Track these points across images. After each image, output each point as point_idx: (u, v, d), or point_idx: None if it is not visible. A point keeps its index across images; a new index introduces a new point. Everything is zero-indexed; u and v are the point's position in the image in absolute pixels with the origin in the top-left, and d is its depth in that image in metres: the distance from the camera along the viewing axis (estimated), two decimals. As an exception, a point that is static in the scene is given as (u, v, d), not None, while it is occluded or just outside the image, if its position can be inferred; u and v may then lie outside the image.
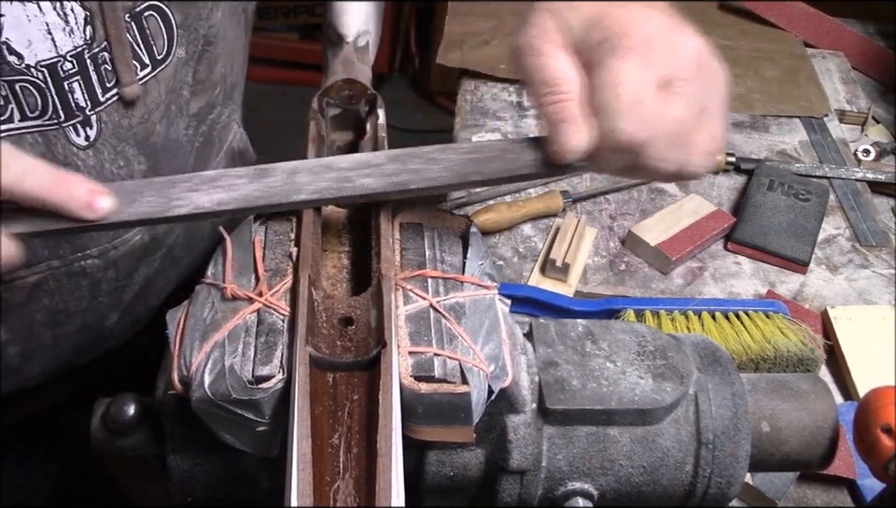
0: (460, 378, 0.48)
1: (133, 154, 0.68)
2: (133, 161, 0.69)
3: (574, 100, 0.53)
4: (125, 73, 0.64)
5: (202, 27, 0.70)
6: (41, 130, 0.62)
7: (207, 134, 0.77)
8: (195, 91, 0.73)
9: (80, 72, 0.62)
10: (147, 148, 0.69)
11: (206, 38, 0.71)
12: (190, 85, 0.72)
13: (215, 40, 0.72)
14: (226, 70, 0.76)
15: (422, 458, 0.52)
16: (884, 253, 1.03)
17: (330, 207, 0.61)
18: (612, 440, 0.53)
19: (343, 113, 0.72)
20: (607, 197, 1.08)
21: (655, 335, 0.57)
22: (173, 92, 0.70)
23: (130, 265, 0.75)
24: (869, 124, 1.23)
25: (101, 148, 0.66)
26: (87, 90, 0.63)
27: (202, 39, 0.70)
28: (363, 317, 0.51)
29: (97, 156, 0.66)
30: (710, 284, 0.98)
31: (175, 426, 0.50)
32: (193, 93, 0.73)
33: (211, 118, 0.77)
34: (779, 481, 0.77)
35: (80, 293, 0.73)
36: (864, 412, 0.55)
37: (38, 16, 0.59)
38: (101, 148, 0.66)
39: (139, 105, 0.67)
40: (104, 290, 0.75)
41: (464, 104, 1.22)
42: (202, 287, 0.53)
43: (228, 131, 0.83)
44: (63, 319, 0.74)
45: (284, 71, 2.88)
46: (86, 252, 0.70)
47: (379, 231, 0.56)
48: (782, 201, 1.05)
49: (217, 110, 0.78)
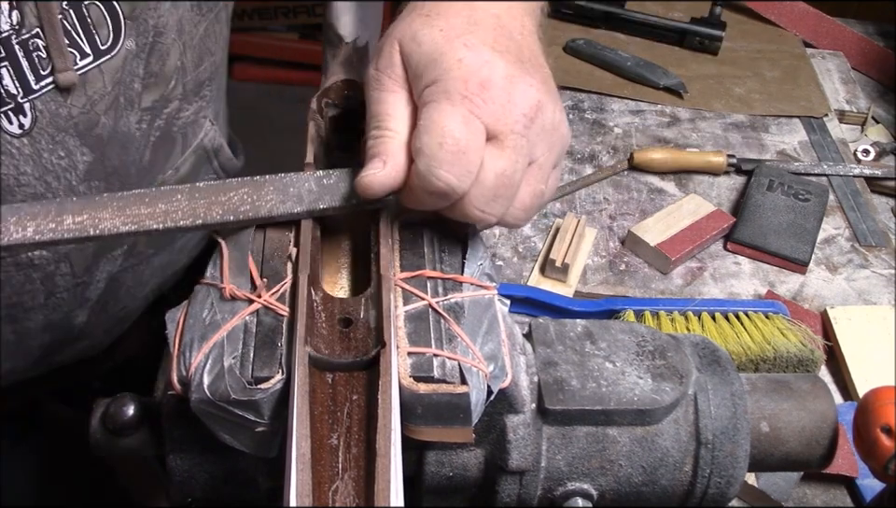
0: (459, 378, 0.48)
1: (75, 144, 0.67)
2: (74, 151, 0.68)
3: (394, 138, 0.53)
4: (59, 59, 0.63)
5: (151, 17, 0.69)
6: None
7: (165, 129, 0.76)
8: (147, 83, 0.71)
9: (8, 58, 0.61)
10: (91, 139, 0.68)
11: (156, 29, 0.70)
12: (142, 78, 0.70)
13: (165, 31, 0.70)
14: (185, 64, 0.75)
15: (421, 459, 0.52)
16: (884, 253, 1.03)
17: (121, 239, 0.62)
18: (612, 440, 0.53)
19: (342, 113, 0.72)
20: (606, 198, 1.08)
21: (654, 335, 0.57)
22: (121, 84, 0.68)
23: (86, 261, 0.75)
24: (869, 124, 1.23)
25: (37, 136, 0.65)
26: (17, 76, 0.62)
27: (151, 30, 0.69)
28: (362, 318, 0.51)
29: (33, 145, 0.65)
30: (710, 284, 0.98)
31: (174, 426, 0.50)
32: (145, 87, 0.71)
33: (167, 112, 0.75)
34: (783, 482, 0.77)
35: (34, 287, 0.72)
36: (864, 412, 0.55)
37: None
38: (37, 136, 0.65)
39: (78, 95, 0.66)
40: (60, 286, 0.74)
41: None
42: (200, 287, 0.53)
43: (195, 127, 0.81)
44: (20, 314, 0.74)
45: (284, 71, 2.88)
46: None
47: (378, 231, 0.56)
48: (782, 201, 1.05)
49: (176, 105, 0.76)
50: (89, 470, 0.87)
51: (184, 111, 0.78)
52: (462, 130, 0.50)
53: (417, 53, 0.53)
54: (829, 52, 1.38)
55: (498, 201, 0.53)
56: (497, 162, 0.52)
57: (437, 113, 0.51)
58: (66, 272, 0.73)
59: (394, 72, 0.54)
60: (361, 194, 0.54)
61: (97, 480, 0.90)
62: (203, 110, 0.82)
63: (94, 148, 0.69)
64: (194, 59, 0.76)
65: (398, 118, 0.53)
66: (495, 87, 0.52)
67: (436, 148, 0.50)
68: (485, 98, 0.52)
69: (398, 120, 0.53)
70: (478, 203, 0.53)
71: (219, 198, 0.57)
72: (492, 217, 0.54)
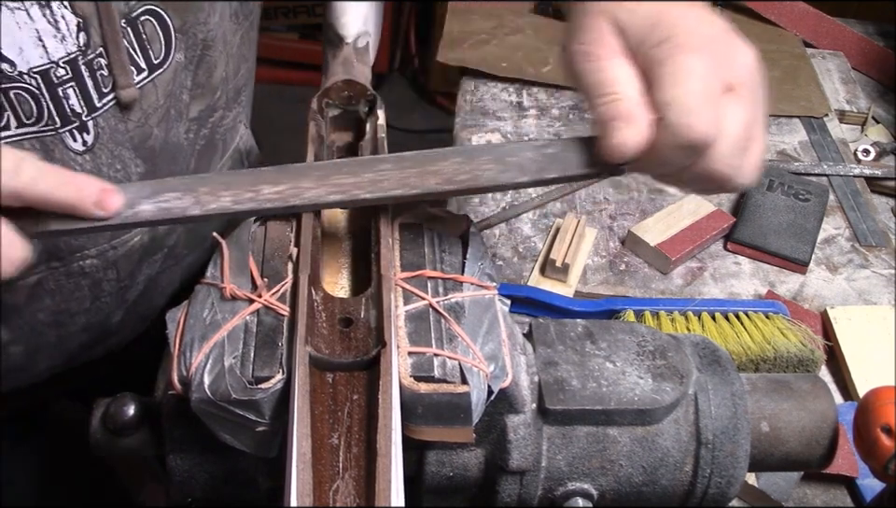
0: (460, 378, 0.48)
1: (130, 157, 0.68)
2: (129, 164, 0.69)
3: (627, 100, 0.52)
4: (122, 76, 0.64)
5: (200, 31, 0.70)
6: (38, 136, 0.62)
7: (209, 137, 0.77)
8: (195, 94, 0.73)
9: (74, 78, 0.62)
10: (145, 151, 0.69)
11: (205, 42, 0.71)
12: (190, 89, 0.72)
13: (213, 44, 0.72)
14: (227, 73, 0.76)
15: (421, 459, 0.52)
16: (884, 253, 1.03)
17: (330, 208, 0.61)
18: (612, 440, 0.53)
19: (342, 113, 0.72)
20: (607, 197, 1.08)
21: (655, 335, 0.57)
22: (171, 97, 0.70)
23: (131, 266, 0.75)
24: (869, 124, 1.23)
25: (98, 152, 0.66)
26: (82, 96, 0.63)
27: (200, 44, 0.70)
28: (363, 318, 0.51)
29: (94, 161, 0.66)
30: (710, 284, 0.98)
31: (174, 426, 0.50)
32: (193, 97, 0.73)
33: (212, 121, 0.77)
34: (783, 482, 0.77)
35: (81, 293, 0.73)
36: (864, 412, 0.55)
37: (28, 23, 0.59)
38: (98, 152, 0.66)
39: (136, 110, 0.67)
40: (105, 291, 0.75)
41: (464, 104, 1.22)
42: (201, 287, 0.53)
43: (234, 133, 0.83)
44: (65, 319, 0.74)
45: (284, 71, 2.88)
46: (84, 253, 0.70)
47: (379, 231, 0.56)
48: (782, 201, 1.05)
49: (220, 113, 0.78)
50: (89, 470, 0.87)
51: (225, 118, 0.79)
52: (707, 78, 0.51)
53: (635, 20, 0.53)
54: (829, 52, 1.38)
55: (743, 153, 0.53)
56: (738, 112, 0.52)
57: (678, 66, 0.51)
58: (112, 277, 0.74)
59: (605, 42, 0.54)
60: (609, 158, 0.53)
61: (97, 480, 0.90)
62: (240, 116, 0.84)
63: (147, 159, 0.70)
64: (234, 67, 0.78)
65: (623, 82, 0.53)
66: (721, 41, 0.53)
67: (684, 96, 0.50)
68: (716, 51, 0.52)
69: (624, 85, 0.52)
70: (724, 155, 0.52)
71: (431, 167, 0.55)
72: (732, 170, 0.53)
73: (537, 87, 1.24)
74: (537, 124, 1.19)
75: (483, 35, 1.31)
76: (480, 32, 1.32)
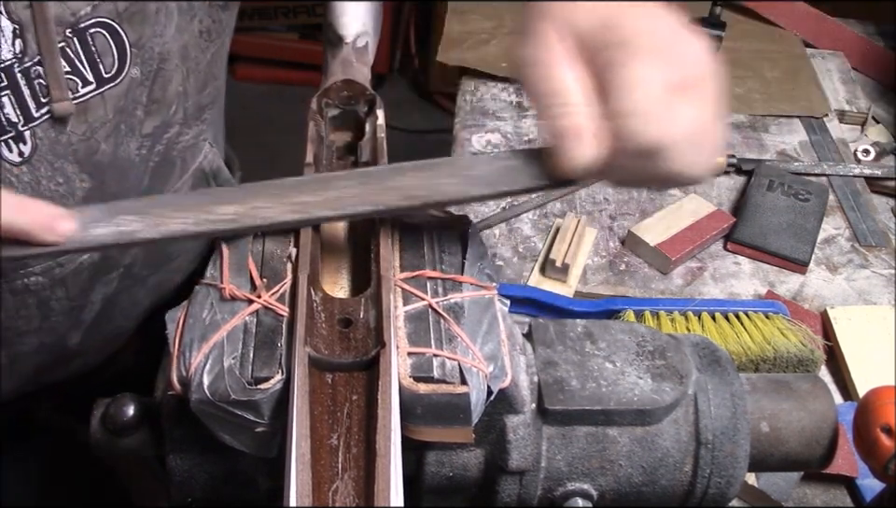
0: (459, 379, 0.48)
1: (74, 171, 0.66)
2: (73, 178, 0.67)
3: (580, 112, 0.51)
4: (56, 89, 0.62)
5: (156, 44, 0.68)
6: None
7: (164, 154, 0.75)
8: (149, 110, 0.71)
9: (10, 86, 0.60)
10: (90, 165, 0.67)
11: (161, 56, 0.69)
12: (144, 105, 0.70)
13: (169, 56, 0.70)
14: (186, 88, 0.74)
15: (421, 459, 0.52)
16: (884, 253, 1.03)
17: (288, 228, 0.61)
18: (612, 440, 0.53)
19: (342, 113, 0.72)
20: (606, 198, 1.08)
21: (654, 335, 0.57)
22: (123, 112, 0.68)
23: (81, 284, 0.74)
24: (869, 124, 1.23)
25: (36, 164, 0.64)
26: (18, 105, 0.61)
27: (157, 58, 0.68)
28: (362, 318, 0.51)
29: (32, 173, 0.64)
30: (710, 284, 0.98)
31: (174, 427, 0.50)
32: (147, 113, 0.70)
33: (167, 137, 0.74)
34: (783, 482, 0.77)
35: (28, 312, 0.71)
36: (864, 412, 0.55)
37: None
38: (36, 164, 0.64)
39: (79, 123, 0.65)
40: (55, 310, 0.73)
41: (464, 104, 1.22)
42: (200, 287, 0.53)
43: (195, 151, 0.80)
44: (13, 338, 0.73)
45: (284, 71, 2.88)
46: (28, 270, 0.69)
47: (378, 231, 0.56)
48: (782, 201, 1.05)
49: (176, 130, 0.75)
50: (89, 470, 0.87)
51: (184, 135, 0.77)
52: (655, 83, 0.50)
53: (586, 24, 0.52)
54: (829, 52, 1.38)
55: (698, 149, 0.52)
56: (690, 112, 0.51)
57: (627, 72, 0.50)
58: (62, 296, 0.72)
59: (554, 47, 0.53)
60: (561, 174, 0.53)
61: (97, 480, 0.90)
62: (203, 134, 0.81)
63: (93, 174, 0.68)
64: (198, 84, 0.76)
65: (573, 91, 0.52)
66: (672, 40, 0.52)
67: (634, 104, 0.50)
68: (667, 51, 0.52)
69: (573, 93, 0.52)
70: (679, 155, 0.51)
71: (391, 183, 0.55)
72: (690, 168, 0.53)
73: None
74: (537, 124, 1.19)
75: (483, 35, 1.31)
76: (480, 32, 1.32)
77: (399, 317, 0.51)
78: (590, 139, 0.51)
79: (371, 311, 0.52)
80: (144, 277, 0.81)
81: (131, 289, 0.80)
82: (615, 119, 0.51)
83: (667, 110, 0.51)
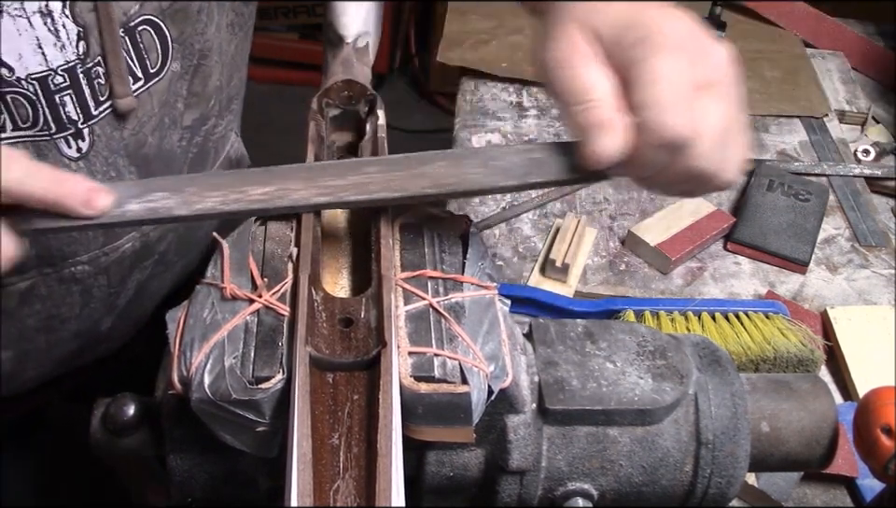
0: (460, 378, 0.48)
1: (124, 165, 0.68)
2: (123, 171, 0.69)
3: (603, 106, 0.52)
4: (119, 86, 0.64)
5: (197, 42, 0.70)
6: (32, 140, 0.62)
7: (202, 145, 0.77)
8: (189, 103, 0.73)
9: (72, 86, 0.62)
10: (139, 159, 0.69)
11: (201, 52, 0.71)
12: (184, 98, 0.72)
13: (209, 53, 0.72)
14: (222, 82, 0.76)
15: (422, 459, 0.52)
16: (884, 253, 1.03)
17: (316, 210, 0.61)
18: (612, 440, 0.53)
19: (342, 113, 0.72)
20: (606, 198, 1.08)
21: (655, 335, 0.57)
22: (166, 105, 0.70)
23: (122, 272, 0.75)
24: (869, 124, 1.23)
25: (93, 159, 0.66)
26: (79, 103, 0.63)
27: (197, 53, 0.70)
28: (363, 318, 0.51)
29: (88, 167, 0.66)
30: (710, 284, 0.98)
31: (174, 426, 0.50)
32: (187, 106, 0.73)
33: (205, 129, 0.77)
34: (783, 482, 0.77)
35: (72, 299, 0.73)
36: (864, 412, 0.55)
37: (29, 30, 0.59)
38: (93, 159, 0.66)
39: (131, 118, 0.67)
40: (96, 297, 0.75)
41: (464, 104, 1.22)
42: (201, 287, 0.53)
43: (225, 141, 0.83)
44: (56, 325, 0.74)
45: (284, 71, 2.88)
46: (76, 258, 0.70)
47: (379, 231, 0.56)
48: (782, 201, 1.05)
49: (213, 122, 0.78)
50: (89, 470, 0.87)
51: (218, 127, 0.79)
52: (682, 77, 0.51)
53: (608, 22, 0.54)
54: (829, 52, 1.38)
55: (724, 148, 0.53)
56: (715, 109, 0.52)
57: (651, 66, 0.51)
58: (104, 283, 0.74)
59: (578, 49, 0.54)
60: (589, 166, 0.53)
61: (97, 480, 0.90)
62: (231, 124, 0.84)
63: (141, 167, 0.70)
64: (227, 76, 0.78)
65: (599, 88, 0.53)
66: (695, 40, 0.53)
67: (659, 96, 0.51)
68: (690, 50, 0.52)
69: (599, 90, 0.53)
70: (705, 152, 0.52)
71: (418, 170, 0.56)
72: (714, 166, 0.53)
73: (537, 87, 1.23)
74: (537, 124, 1.19)
75: (483, 35, 1.31)
76: (480, 32, 1.32)
77: (400, 316, 0.51)
78: (617, 131, 0.52)
79: (371, 310, 0.52)
80: (174, 263, 0.83)
81: (161, 275, 0.82)
82: (641, 111, 0.51)
83: (692, 104, 0.51)
